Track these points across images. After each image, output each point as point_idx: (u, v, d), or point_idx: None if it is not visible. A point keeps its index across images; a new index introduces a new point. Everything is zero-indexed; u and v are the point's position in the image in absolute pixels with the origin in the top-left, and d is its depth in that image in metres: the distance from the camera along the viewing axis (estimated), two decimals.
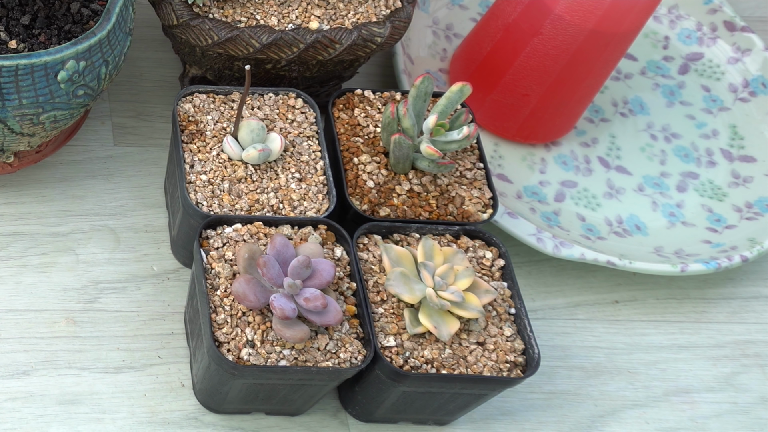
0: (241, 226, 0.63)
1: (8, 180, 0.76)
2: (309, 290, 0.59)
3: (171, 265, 0.73)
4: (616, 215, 0.78)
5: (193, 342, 0.66)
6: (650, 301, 0.75)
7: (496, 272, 0.65)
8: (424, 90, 0.68)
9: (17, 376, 0.66)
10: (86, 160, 0.78)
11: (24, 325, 0.69)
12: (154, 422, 0.65)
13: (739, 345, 0.73)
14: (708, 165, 0.82)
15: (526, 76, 0.77)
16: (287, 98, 0.71)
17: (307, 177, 0.67)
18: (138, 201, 0.76)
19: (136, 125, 0.80)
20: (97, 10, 0.67)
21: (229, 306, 0.60)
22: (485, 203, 0.68)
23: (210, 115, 0.69)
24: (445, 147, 0.67)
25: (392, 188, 0.68)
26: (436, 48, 0.87)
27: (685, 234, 0.77)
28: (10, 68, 0.61)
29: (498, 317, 0.63)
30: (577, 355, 0.72)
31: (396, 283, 0.61)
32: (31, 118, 0.64)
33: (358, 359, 0.59)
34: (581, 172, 0.81)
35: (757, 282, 0.77)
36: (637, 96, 0.86)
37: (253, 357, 0.58)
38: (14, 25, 0.66)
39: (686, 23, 0.90)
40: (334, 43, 0.70)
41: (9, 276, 0.71)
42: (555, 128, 0.81)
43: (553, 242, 0.72)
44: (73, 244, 0.73)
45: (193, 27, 0.70)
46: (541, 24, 0.74)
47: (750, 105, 0.85)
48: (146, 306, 0.70)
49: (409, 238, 0.65)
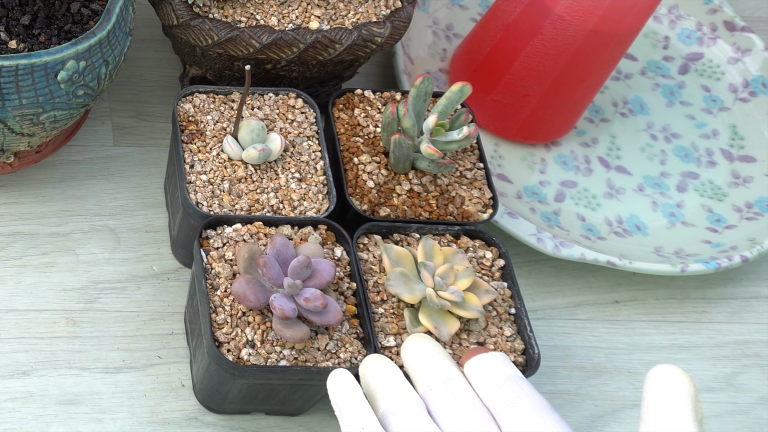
0: (241, 226, 0.63)
1: (8, 180, 0.76)
2: (309, 290, 0.59)
3: (171, 265, 0.73)
4: (616, 215, 0.78)
5: (193, 342, 0.66)
6: (650, 301, 0.75)
7: (496, 272, 0.65)
8: (424, 90, 0.68)
9: (17, 376, 0.66)
10: (86, 160, 0.78)
11: (24, 325, 0.69)
12: (154, 422, 0.65)
13: (739, 345, 0.73)
14: (708, 165, 0.82)
15: (526, 76, 0.77)
16: (287, 98, 0.71)
17: (307, 177, 0.67)
18: (138, 201, 0.76)
19: (136, 125, 0.80)
20: (97, 10, 0.67)
21: (229, 306, 0.60)
22: (485, 203, 0.68)
23: (210, 115, 0.69)
24: (445, 147, 0.67)
25: (392, 188, 0.68)
26: (436, 48, 0.87)
27: (685, 234, 0.77)
28: (10, 68, 0.61)
29: (498, 317, 0.63)
30: (577, 355, 0.72)
31: (396, 283, 0.61)
32: (31, 118, 0.64)
33: (358, 359, 0.59)
34: (581, 172, 0.81)
35: (757, 282, 0.77)
36: (637, 96, 0.86)
37: (253, 357, 0.58)
38: (14, 25, 0.67)
39: (686, 23, 0.90)
40: (334, 43, 0.70)
41: (9, 276, 0.71)
42: (555, 128, 0.81)
43: (553, 242, 0.72)
44: (73, 244, 0.73)
45: (193, 27, 0.70)
46: (541, 24, 0.74)
47: (750, 105, 0.85)
48: (146, 306, 0.70)
49: (409, 238, 0.65)
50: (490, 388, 0.44)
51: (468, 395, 0.44)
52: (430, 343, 0.47)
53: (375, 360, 0.47)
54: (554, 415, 0.43)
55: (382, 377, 0.46)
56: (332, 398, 0.46)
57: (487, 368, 0.45)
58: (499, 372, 0.45)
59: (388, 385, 0.45)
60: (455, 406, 0.44)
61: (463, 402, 0.44)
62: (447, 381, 0.45)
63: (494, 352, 0.46)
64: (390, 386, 0.45)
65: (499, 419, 0.43)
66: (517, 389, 0.44)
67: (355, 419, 0.44)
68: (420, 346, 0.47)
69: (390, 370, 0.46)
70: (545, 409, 0.43)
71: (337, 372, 0.46)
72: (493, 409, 0.44)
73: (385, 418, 0.44)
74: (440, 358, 0.46)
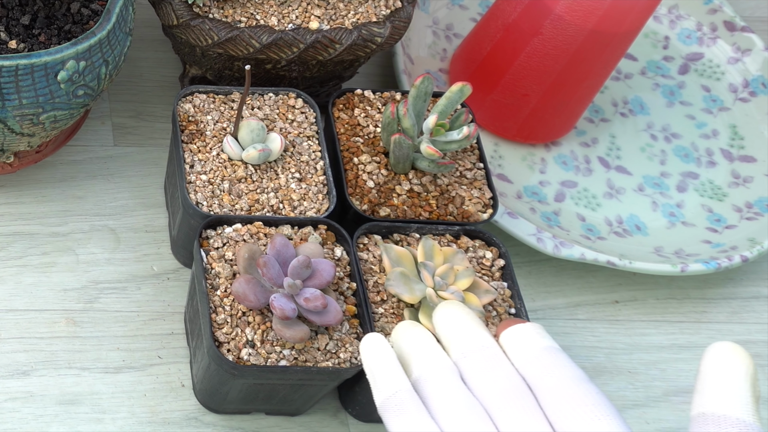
0: (241, 226, 0.63)
1: (8, 180, 0.76)
2: (309, 290, 0.59)
3: (171, 265, 0.73)
4: (616, 215, 0.78)
5: (193, 342, 0.66)
6: (650, 301, 0.75)
7: (496, 272, 0.65)
8: (424, 90, 0.68)
9: (17, 376, 0.66)
10: (86, 160, 0.78)
11: (24, 325, 0.69)
12: (154, 422, 0.65)
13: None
14: (708, 165, 0.82)
15: (526, 76, 0.77)
16: (287, 98, 0.71)
17: (307, 177, 0.67)
18: (138, 201, 0.76)
19: (136, 125, 0.80)
20: (97, 10, 0.67)
21: (229, 306, 0.60)
22: (485, 203, 0.68)
23: (210, 115, 0.69)
24: (445, 147, 0.67)
25: (392, 188, 0.68)
26: (436, 48, 0.87)
27: (685, 234, 0.77)
28: (10, 68, 0.61)
29: (498, 317, 0.63)
30: (577, 355, 0.72)
31: (396, 283, 0.61)
32: (31, 118, 0.64)
33: (358, 359, 0.59)
34: (581, 172, 0.81)
35: (757, 282, 0.77)
36: (637, 96, 0.86)
37: (253, 357, 0.58)
38: (14, 25, 0.66)
39: (686, 23, 0.90)
40: (334, 43, 0.70)
41: (9, 276, 0.71)
42: (555, 128, 0.81)
43: (553, 242, 0.72)
44: (73, 244, 0.73)
45: (193, 27, 0.70)
46: (541, 24, 0.74)
47: (750, 105, 0.85)
48: (146, 306, 0.70)
49: (409, 238, 0.65)
50: (527, 358, 0.43)
51: (503, 364, 0.43)
52: (463, 310, 0.46)
53: (408, 326, 0.46)
54: (592, 386, 0.42)
55: (416, 343, 0.45)
56: (365, 362, 0.45)
57: (523, 339, 0.44)
58: (536, 343, 0.44)
59: (421, 351, 0.44)
60: (491, 374, 0.43)
61: (498, 370, 0.43)
62: (482, 349, 0.44)
63: (531, 323, 0.45)
64: (424, 352, 0.44)
65: (536, 389, 0.42)
66: (555, 360, 0.43)
67: (388, 383, 0.44)
68: (454, 313, 0.46)
69: (423, 336, 0.45)
70: (582, 380, 0.42)
71: (371, 336, 0.45)
72: (529, 380, 0.43)
73: (419, 383, 0.44)
74: (475, 325, 0.45)
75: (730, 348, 0.41)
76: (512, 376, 0.43)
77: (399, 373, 0.44)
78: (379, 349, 0.45)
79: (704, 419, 0.40)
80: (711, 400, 0.41)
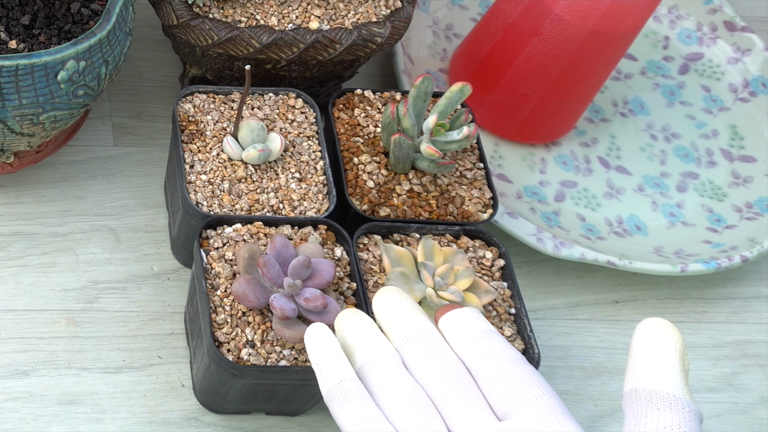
0: (241, 226, 0.63)
1: (8, 180, 0.76)
2: (309, 290, 0.59)
3: (171, 265, 0.73)
4: (616, 215, 0.78)
5: (193, 342, 0.66)
6: (650, 301, 0.75)
7: (496, 272, 0.65)
8: (424, 90, 0.68)
9: (17, 376, 0.66)
10: (86, 160, 0.78)
11: (24, 325, 0.69)
12: (154, 422, 0.65)
13: (739, 345, 0.73)
14: (708, 165, 0.82)
15: (526, 76, 0.77)
16: (287, 98, 0.71)
17: (307, 177, 0.67)
18: (138, 201, 0.76)
19: (136, 125, 0.80)
20: (97, 10, 0.67)
21: (229, 306, 0.60)
22: (485, 203, 0.68)
23: (210, 115, 0.69)
24: (445, 147, 0.67)
25: (392, 188, 0.68)
26: (436, 48, 0.87)
27: (685, 234, 0.77)
28: (10, 68, 0.61)
29: (498, 317, 0.63)
30: (577, 355, 0.72)
31: (396, 283, 0.61)
32: (31, 118, 0.64)
33: None
34: (581, 172, 0.81)
35: (757, 282, 0.77)
36: (637, 96, 0.86)
37: (253, 357, 0.58)
38: (14, 25, 0.67)
39: (686, 23, 0.90)
40: (334, 43, 0.70)
41: (9, 276, 0.71)
42: (555, 128, 0.81)
43: (553, 242, 0.72)
44: (73, 244, 0.73)
45: (193, 27, 0.70)
46: (541, 24, 0.74)
47: (750, 105, 0.85)
48: (146, 306, 0.70)
49: (409, 238, 0.65)
50: (465, 342, 0.45)
51: (443, 349, 0.45)
52: (401, 296, 0.47)
53: (350, 314, 0.47)
54: (528, 367, 0.43)
55: (358, 331, 0.46)
56: (309, 352, 0.46)
57: (461, 323, 0.45)
58: (474, 326, 0.45)
59: (364, 339, 0.46)
60: (431, 359, 0.44)
61: (438, 355, 0.44)
62: (421, 334, 0.45)
63: (467, 307, 0.46)
64: (366, 339, 0.46)
65: (474, 372, 0.44)
66: (492, 343, 0.44)
67: (333, 372, 0.45)
68: (392, 299, 0.47)
69: (365, 324, 0.46)
70: (520, 362, 0.43)
71: (314, 326, 0.46)
72: (469, 363, 0.44)
73: (362, 371, 0.45)
74: (413, 311, 0.46)
75: (660, 324, 0.43)
76: (452, 361, 0.44)
77: (343, 362, 0.45)
78: (322, 338, 0.46)
79: (636, 395, 0.42)
80: (642, 376, 0.42)
